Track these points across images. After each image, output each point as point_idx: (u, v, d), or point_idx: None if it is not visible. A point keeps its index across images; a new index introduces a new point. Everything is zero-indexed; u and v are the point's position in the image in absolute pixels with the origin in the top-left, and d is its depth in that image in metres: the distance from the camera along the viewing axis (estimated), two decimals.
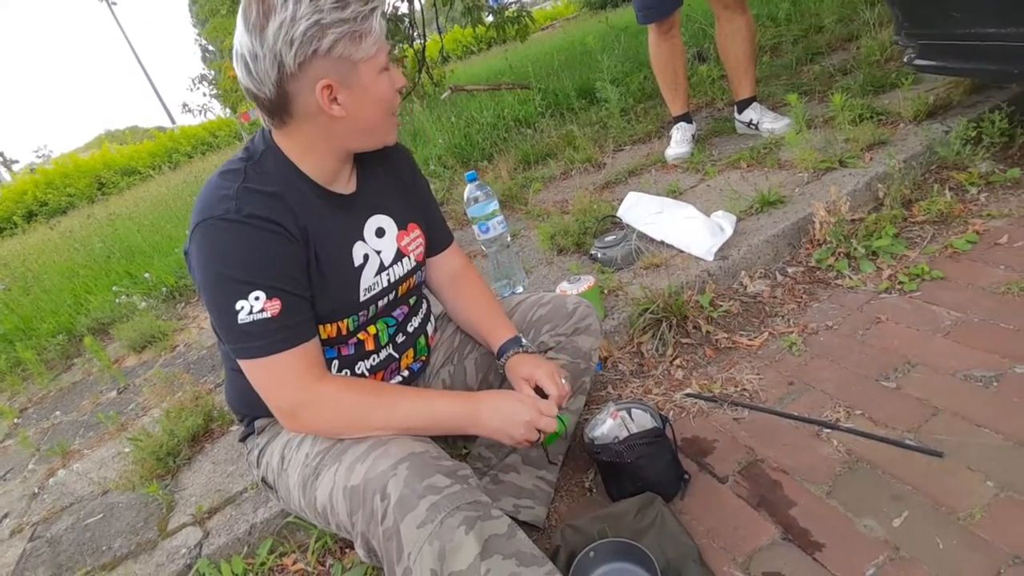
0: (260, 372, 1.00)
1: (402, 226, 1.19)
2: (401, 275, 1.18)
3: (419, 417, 1.02)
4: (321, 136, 1.02)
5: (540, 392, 1.13)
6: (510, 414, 1.02)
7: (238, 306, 0.94)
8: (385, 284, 1.15)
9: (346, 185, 1.12)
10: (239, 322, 0.95)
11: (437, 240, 1.32)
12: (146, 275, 3.74)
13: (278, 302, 0.96)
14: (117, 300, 3.53)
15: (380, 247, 1.14)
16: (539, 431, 1.03)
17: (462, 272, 1.34)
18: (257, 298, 0.95)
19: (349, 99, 0.98)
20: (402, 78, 1.05)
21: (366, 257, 1.11)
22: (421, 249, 1.24)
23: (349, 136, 1.04)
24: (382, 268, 1.14)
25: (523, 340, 1.22)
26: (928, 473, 1.12)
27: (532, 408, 1.03)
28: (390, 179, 1.20)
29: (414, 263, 1.21)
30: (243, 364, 1.00)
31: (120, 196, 11.15)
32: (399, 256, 1.17)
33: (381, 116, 1.03)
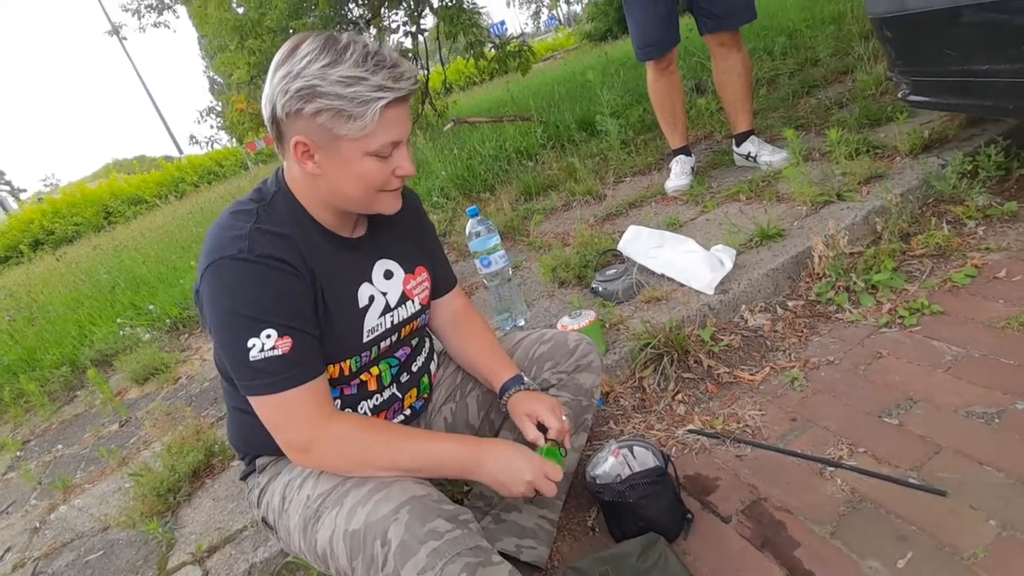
0: (271, 408, 1.01)
1: (409, 270, 1.21)
2: (405, 317, 1.19)
3: (425, 460, 1.03)
4: (310, 182, 1.05)
5: (542, 428, 1.13)
6: (514, 469, 1.02)
7: (250, 343, 0.96)
8: (389, 326, 1.16)
9: (353, 230, 1.14)
10: (251, 359, 0.96)
11: (441, 283, 1.33)
12: (150, 307, 3.76)
13: (289, 340, 0.97)
14: (121, 332, 3.54)
15: (386, 289, 1.16)
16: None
17: (464, 314, 1.36)
18: (269, 336, 0.96)
19: (325, 162, 1.00)
20: (408, 167, 1.03)
21: (371, 298, 1.13)
22: (427, 292, 1.26)
23: (331, 194, 1.05)
24: (387, 309, 1.15)
25: (525, 378, 1.23)
26: (932, 512, 1.11)
27: (537, 469, 1.03)
28: (399, 224, 1.21)
29: (419, 306, 1.23)
30: (253, 400, 1.01)
31: (127, 226, 11.25)
32: (404, 299, 1.19)
33: (361, 192, 1.03)
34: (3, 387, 3.37)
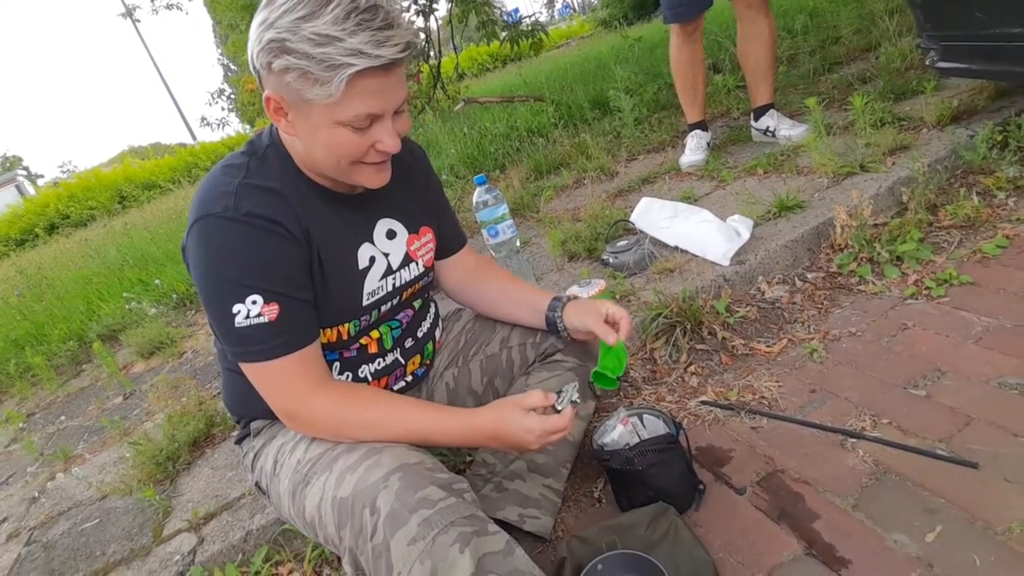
0: (258, 376, 0.97)
1: (413, 230, 1.15)
2: (407, 280, 1.14)
3: (416, 432, 0.97)
4: (294, 139, 0.98)
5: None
6: (518, 430, 0.95)
7: (235, 309, 0.91)
8: (390, 288, 1.10)
9: (353, 187, 1.06)
10: (236, 325, 0.92)
11: (451, 242, 1.28)
12: (156, 281, 3.74)
13: (276, 306, 0.92)
14: (127, 306, 3.53)
15: (389, 249, 1.10)
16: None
17: (479, 264, 1.31)
18: (255, 302, 0.91)
19: (297, 123, 0.92)
20: (389, 143, 0.93)
21: (372, 260, 1.07)
22: (431, 254, 1.20)
23: (306, 157, 0.98)
24: (389, 271, 1.10)
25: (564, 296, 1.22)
26: (962, 485, 1.04)
27: (536, 424, 0.95)
28: (403, 181, 1.13)
29: (422, 268, 1.17)
30: (242, 366, 0.98)
31: (140, 209, 11.28)
32: (407, 260, 1.13)
33: (332, 162, 0.94)
34: (9, 361, 3.36)
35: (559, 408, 0.98)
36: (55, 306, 4.01)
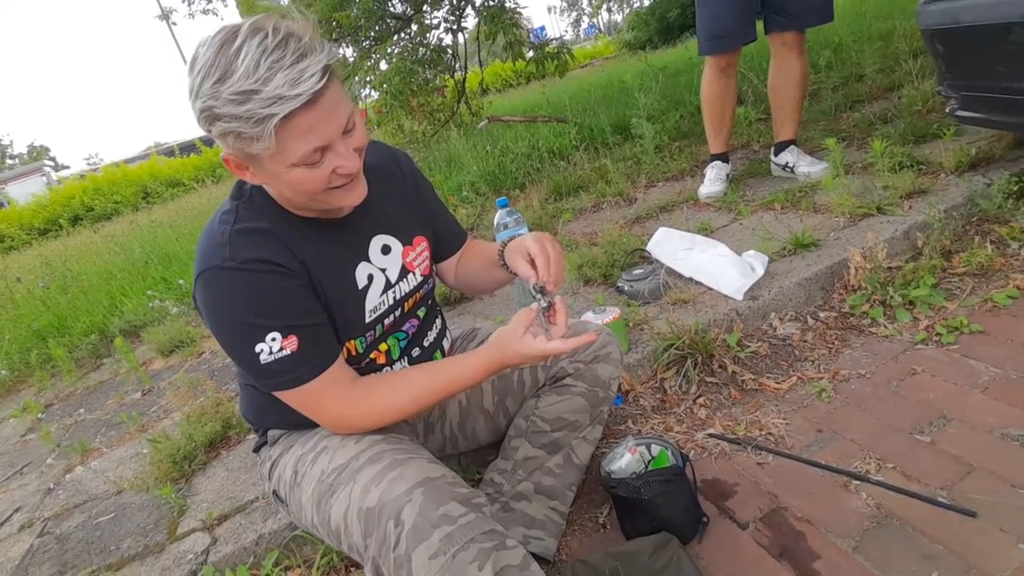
0: (294, 400, 1.03)
1: (407, 242, 1.18)
2: (407, 291, 1.17)
3: (445, 391, 1.07)
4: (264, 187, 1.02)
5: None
6: (522, 360, 1.02)
7: (257, 349, 0.97)
8: (391, 302, 1.14)
9: (338, 211, 1.08)
10: (262, 363, 0.97)
11: (451, 243, 1.32)
12: (180, 281, 3.82)
13: (295, 338, 0.98)
14: (150, 304, 3.61)
15: (385, 265, 1.13)
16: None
17: (463, 253, 1.34)
18: (274, 339, 0.97)
19: (259, 174, 0.94)
20: (348, 165, 0.92)
21: (370, 277, 1.11)
22: (427, 263, 1.23)
23: (279, 198, 1.02)
24: (388, 286, 1.13)
25: None
26: (960, 533, 1.06)
27: (538, 350, 0.99)
28: (392, 194, 1.18)
29: (420, 277, 1.20)
30: (276, 393, 1.03)
31: (164, 206, 11.49)
32: (404, 272, 1.16)
33: (303, 198, 0.97)
34: (31, 351, 3.44)
35: (544, 304, 1.02)
36: (79, 299, 4.10)
